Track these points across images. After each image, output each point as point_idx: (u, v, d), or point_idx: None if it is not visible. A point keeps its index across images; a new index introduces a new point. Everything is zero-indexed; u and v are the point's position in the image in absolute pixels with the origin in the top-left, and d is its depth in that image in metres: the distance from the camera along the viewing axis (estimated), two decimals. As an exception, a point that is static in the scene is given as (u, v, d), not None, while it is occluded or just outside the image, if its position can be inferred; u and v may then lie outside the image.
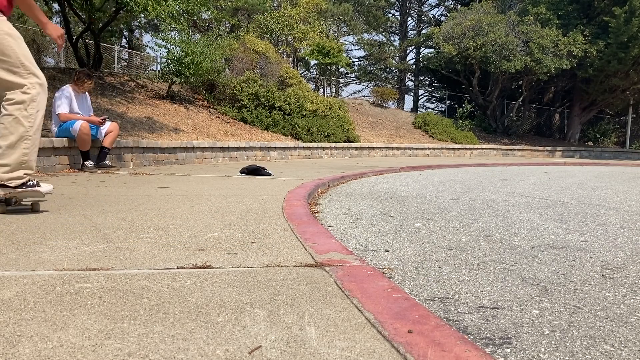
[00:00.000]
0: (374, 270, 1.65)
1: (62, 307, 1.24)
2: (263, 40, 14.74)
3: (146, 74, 13.31)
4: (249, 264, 1.71)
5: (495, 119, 22.20)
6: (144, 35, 28.19)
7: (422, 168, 9.67)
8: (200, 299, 1.33)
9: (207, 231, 2.29)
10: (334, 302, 1.33)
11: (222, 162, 9.00)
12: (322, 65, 18.64)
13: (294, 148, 11.47)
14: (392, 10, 32.73)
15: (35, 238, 2.03)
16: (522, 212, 3.87)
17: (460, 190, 5.57)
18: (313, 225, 2.52)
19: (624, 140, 24.33)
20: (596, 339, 1.34)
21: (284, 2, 17.92)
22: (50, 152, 5.40)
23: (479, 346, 1.15)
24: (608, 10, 18.54)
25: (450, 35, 19.23)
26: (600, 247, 2.58)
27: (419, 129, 19.21)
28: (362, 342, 1.08)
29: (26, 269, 1.57)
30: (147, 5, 8.02)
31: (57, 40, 2.90)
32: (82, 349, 1.01)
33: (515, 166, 12.10)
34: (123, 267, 1.62)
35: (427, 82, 32.48)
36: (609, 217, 3.68)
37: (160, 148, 7.42)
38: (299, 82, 13.84)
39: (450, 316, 1.51)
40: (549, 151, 20.01)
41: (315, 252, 1.89)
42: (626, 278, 1.97)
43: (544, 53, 18.26)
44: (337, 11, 22.09)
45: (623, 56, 17.94)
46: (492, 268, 2.08)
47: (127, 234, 2.17)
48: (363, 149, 14.05)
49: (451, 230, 2.98)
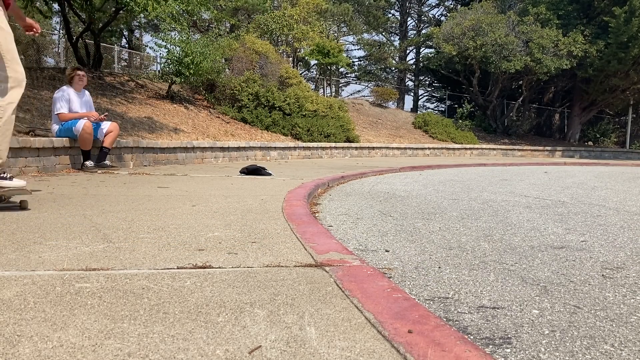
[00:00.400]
0: (374, 270, 1.65)
1: (62, 307, 1.24)
2: (263, 40, 14.74)
3: (146, 74, 13.31)
4: (249, 264, 1.71)
5: (495, 119, 22.21)
6: (144, 35, 28.18)
7: (422, 168, 9.67)
8: (200, 299, 1.33)
9: (207, 231, 2.29)
10: (334, 302, 1.33)
11: (222, 162, 9.00)
12: (322, 65, 18.64)
13: (294, 148, 11.47)
14: (392, 10, 32.76)
15: (35, 238, 2.03)
16: (522, 212, 3.87)
17: (460, 190, 5.57)
18: (313, 225, 2.52)
19: (624, 140, 24.34)
20: (596, 339, 1.34)
21: (284, 2, 17.92)
22: (50, 152, 5.40)
23: (479, 346, 1.15)
24: (608, 10, 18.54)
25: (450, 35, 19.23)
26: (600, 247, 2.58)
27: (419, 129, 19.22)
28: (362, 342, 1.08)
29: (26, 269, 1.57)
30: (147, 5, 8.02)
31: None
32: (82, 349, 1.01)
33: (515, 166, 12.10)
34: (123, 267, 1.62)
35: (427, 82, 32.50)
36: (609, 217, 3.68)
37: (160, 148, 7.42)
38: (299, 82, 13.85)
39: (450, 316, 1.51)
40: (549, 151, 20.02)
41: (315, 252, 1.89)
42: (626, 278, 1.97)
43: (544, 53, 18.26)
44: (337, 11, 22.10)
45: (623, 56, 17.94)
46: (492, 268, 2.08)
47: (127, 234, 2.17)
48: (363, 149, 14.05)
49: (451, 230, 2.98)
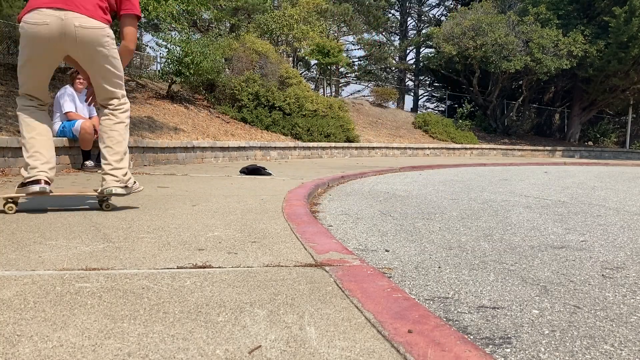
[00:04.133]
0: (373, 270, 1.65)
1: (62, 306, 1.24)
2: (263, 40, 14.73)
3: (146, 74, 13.29)
4: (249, 264, 1.71)
5: (495, 119, 22.20)
6: (144, 35, 28.16)
7: (422, 168, 9.67)
8: (200, 299, 1.33)
9: (207, 231, 2.29)
10: (334, 301, 1.33)
11: (222, 162, 8.99)
12: (322, 65, 18.61)
13: (294, 148, 11.47)
14: (392, 10, 32.74)
15: (35, 238, 2.03)
16: (522, 212, 3.87)
17: (460, 190, 5.57)
18: (313, 225, 2.52)
19: (624, 140, 24.33)
20: (596, 339, 1.34)
21: (284, 2, 17.91)
22: (50, 151, 5.40)
23: (479, 346, 1.15)
24: (608, 10, 18.53)
25: (450, 35, 19.22)
26: (600, 247, 2.58)
27: (419, 128, 19.21)
28: (362, 342, 1.08)
29: (26, 269, 1.57)
30: (148, 5, 8.02)
31: None
32: (82, 349, 1.01)
33: (515, 166, 12.10)
34: (123, 267, 1.62)
35: (427, 82, 32.47)
36: (609, 217, 3.68)
37: (160, 148, 7.41)
38: (299, 82, 13.83)
39: (450, 316, 1.51)
40: (549, 151, 20.01)
41: (315, 252, 1.89)
42: (626, 278, 1.97)
43: (544, 53, 18.26)
44: (337, 11, 22.08)
45: (623, 56, 17.93)
46: (492, 268, 2.08)
47: (127, 233, 2.17)
48: (363, 148, 14.05)
49: (451, 230, 2.98)
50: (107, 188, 2.77)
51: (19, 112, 2.77)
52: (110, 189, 2.76)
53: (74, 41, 2.61)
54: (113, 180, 2.77)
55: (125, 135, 2.86)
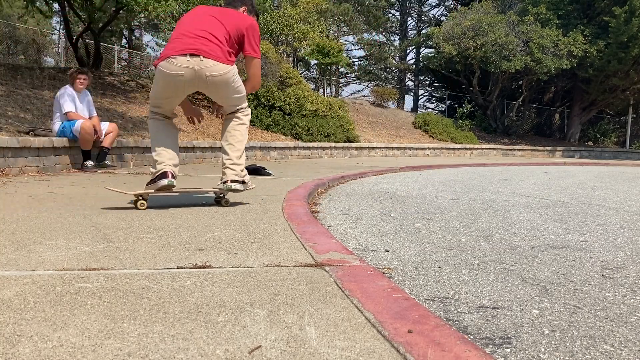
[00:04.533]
0: (373, 270, 1.65)
1: (62, 306, 1.24)
2: (263, 40, 14.73)
3: (147, 74, 13.30)
4: (249, 264, 1.71)
5: (495, 119, 22.20)
6: (144, 35, 28.18)
7: (422, 168, 9.67)
8: (200, 299, 1.33)
9: (207, 231, 2.29)
10: (334, 302, 1.33)
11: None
12: (322, 65, 18.61)
13: (294, 148, 11.47)
14: (392, 10, 32.75)
15: (35, 238, 2.03)
16: (522, 212, 3.87)
17: (460, 190, 5.57)
18: (313, 225, 2.52)
19: (624, 140, 24.32)
20: (596, 339, 1.34)
21: (284, 2, 17.91)
22: (50, 152, 5.40)
23: (479, 346, 1.15)
24: (608, 10, 18.52)
25: (450, 35, 19.22)
26: (600, 247, 2.58)
27: (419, 128, 19.21)
28: (362, 342, 1.08)
29: (26, 269, 1.57)
30: (148, 5, 8.02)
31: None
32: (82, 349, 1.01)
33: (515, 166, 12.10)
34: (123, 267, 1.62)
35: (427, 82, 32.47)
36: (609, 217, 3.68)
37: (160, 148, 7.40)
38: (299, 82, 13.84)
39: (450, 316, 1.51)
40: (549, 151, 20.01)
41: (315, 252, 1.89)
42: (626, 278, 1.97)
43: (544, 53, 18.25)
44: (337, 11, 22.08)
45: (623, 56, 17.92)
46: (492, 268, 2.08)
47: (127, 233, 2.17)
48: (363, 148, 14.05)
49: (451, 230, 2.98)
50: (226, 183, 3.03)
51: (150, 120, 3.10)
52: (229, 185, 3.03)
53: (205, 85, 2.93)
54: (232, 174, 3.05)
55: (245, 135, 3.14)
